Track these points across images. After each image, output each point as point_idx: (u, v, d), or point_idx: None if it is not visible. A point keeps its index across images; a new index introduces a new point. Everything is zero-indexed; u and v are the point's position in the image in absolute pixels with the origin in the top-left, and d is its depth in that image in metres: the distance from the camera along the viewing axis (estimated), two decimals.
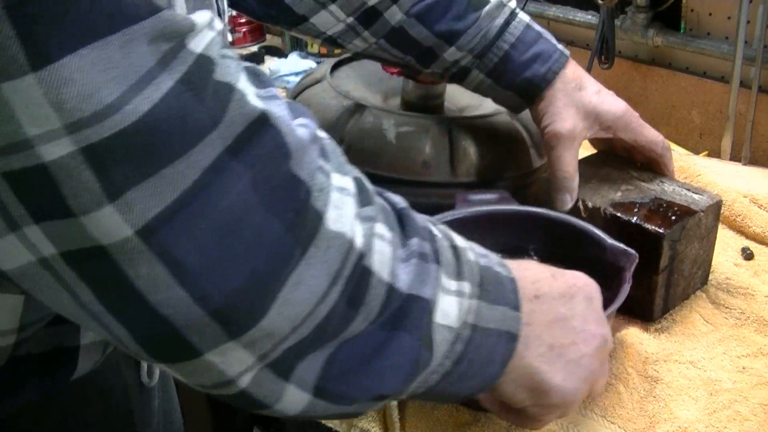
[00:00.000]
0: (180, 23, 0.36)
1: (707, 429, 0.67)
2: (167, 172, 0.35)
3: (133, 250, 0.36)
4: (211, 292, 0.37)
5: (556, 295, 0.55)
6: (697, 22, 1.29)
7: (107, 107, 0.33)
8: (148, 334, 0.39)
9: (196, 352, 0.39)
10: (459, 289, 0.49)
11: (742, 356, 0.75)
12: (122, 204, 0.35)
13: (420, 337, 0.47)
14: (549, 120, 0.81)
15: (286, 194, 0.39)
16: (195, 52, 0.36)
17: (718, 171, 1.09)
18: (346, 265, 0.42)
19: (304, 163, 0.40)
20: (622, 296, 0.68)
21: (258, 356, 0.41)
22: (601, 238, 0.74)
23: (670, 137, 1.31)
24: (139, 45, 0.34)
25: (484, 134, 0.90)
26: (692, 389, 0.71)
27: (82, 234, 0.35)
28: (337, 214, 0.42)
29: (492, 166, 0.89)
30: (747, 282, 0.85)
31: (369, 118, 0.89)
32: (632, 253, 0.71)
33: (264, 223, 0.38)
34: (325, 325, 0.42)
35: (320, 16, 0.81)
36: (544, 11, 1.46)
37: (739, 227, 0.96)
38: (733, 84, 1.21)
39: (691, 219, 0.77)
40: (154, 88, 0.34)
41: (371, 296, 0.44)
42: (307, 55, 1.64)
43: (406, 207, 0.50)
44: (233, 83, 0.38)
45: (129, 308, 0.38)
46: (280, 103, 0.41)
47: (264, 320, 0.39)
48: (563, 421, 0.68)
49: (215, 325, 0.38)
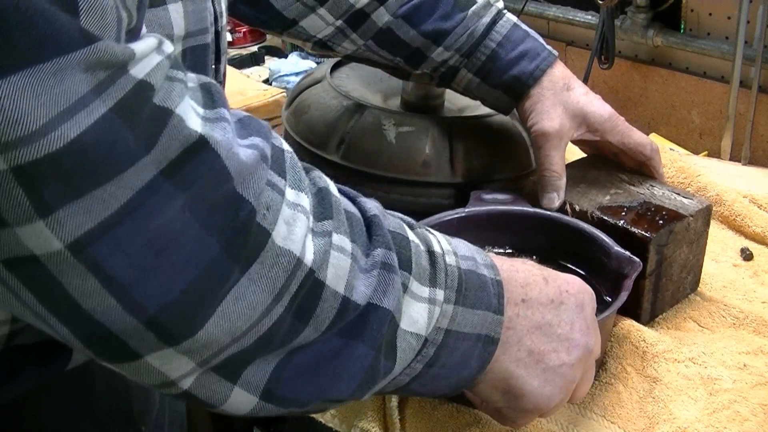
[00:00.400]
0: (117, 54, 0.37)
1: (707, 429, 0.67)
2: (98, 193, 0.36)
3: (63, 263, 0.37)
4: (144, 304, 0.39)
5: (545, 300, 0.55)
6: (697, 22, 1.29)
7: (35, 132, 0.34)
8: (88, 335, 0.40)
9: (135, 354, 0.41)
10: (431, 296, 0.50)
11: (742, 353, 0.75)
12: (53, 221, 0.36)
13: (376, 345, 0.47)
14: (536, 119, 0.81)
15: (225, 214, 0.40)
16: (135, 78, 0.37)
17: (718, 171, 1.09)
18: (293, 281, 0.43)
19: (250, 183, 0.41)
20: (617, 304, 0.68)
21: (198, 362, 0.42)
22: (607, 244, 0.74)
23: (670, 137, 1.31)
24: (72, 73, 0.35)
25: (483, 134, 0.91)
26: (692, 389, 0.71)
27: (16, 243, 0.36)
28: (287, 231, 0.43)
29: (491, 166, 0.89)
30: (746, 282, 0.85)
31: (369, 118, 0.89)
32: (636, 261, 0.71)
33: (199, 241, 0.40)
34: (270, 337, 0.43)
35: (309, 19, 0.82)
36: (544, 11, 1.46)
37: (738, 227, 0.96)
38: (733, 84, 1.21)
39: (679, 223, 0.77)
40: (85, 114, 0.35)
41: (322, 309, 0.45)
42: (307, 55, 1.65)
43: (377, 215, 0.50)
44: (171, 108, 0.39)
45: (67, 312, 0.39)
46: (225, 126, 0.42)
47: (201, 332, 0.41)
48: (563, 421, 0.68)
49: (150, 333, 0.40)
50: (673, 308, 0.82)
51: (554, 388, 0.55)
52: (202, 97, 0.42)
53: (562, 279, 0.58)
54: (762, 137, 1.24)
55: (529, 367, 0.54)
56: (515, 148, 0.92)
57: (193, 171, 0.39)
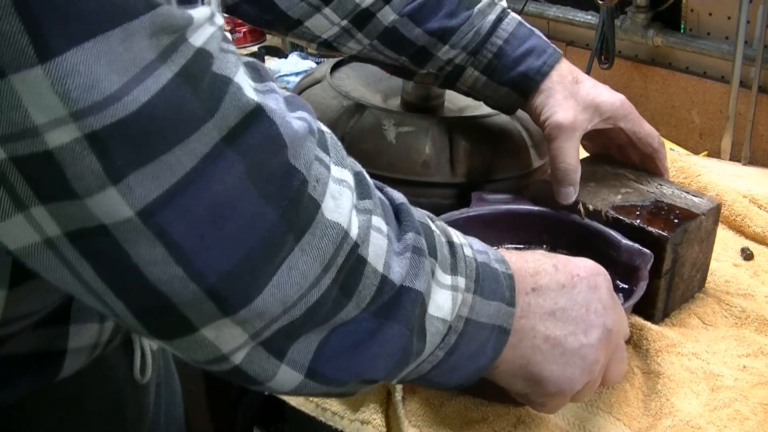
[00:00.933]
0: (178, 18, 0.37)
1: (708, 425, 0.67)
2: (166, 158, 0.37)
3: (133, 230, 0.38)
4: (205, 271, 0.39)
5: (556, 286, 0.56)
6: (697, 22, 1.29)
7: (109, 97, 0.35)
8: (146, 309, 0.41)
9: (192, 327, 0.41)
10: (453, 283, 0.51)
11: (742, 355, 0.76)
12: (124, 187, 0.37)
13: (411, 327, 0.48)
14: (550, 112, 0.80)
15: (281, 183, 0.41)
16: (194, 45, 0.38)
17: (718, 171, 1.09)
18: (340, 253, 0.44)
19: (301, 154, 0.42)
20: (639, 293, 0.70)
21: (251, 334, 0.43)
22: (615, 238, 0.75)
23: (670, 137, 1.32)
24: (140, 39, 0.36)
25: (484, 134, 0.91)
26: (694, 383, 0.71)
27: (85, 214, 0.37)
28: (335, 205, 0.44)
29: (492, 166, 0.89)
30: (747, 282, 0.85)
31: (369, 118, 0.89)
32: (647, 253, 0.72)
33: (258, 209, 0.40)
34: (317, 309, 0.44)
35: (315, 19, 0.81)
36: (544, 11, 1.46)
37: (738, 227, 0.96)
38: (733, 84, 1.21)
39: (692, 222, 0.77)
40: (154, 79, 0.36)
41: (364, 285, 0.46)
42: (307, 55, 1.65)
43: (405, 203, 0.51)
44: (230, 76, 0.40)
45: (128, 285, 0.39)
46: (277, 97, 0.43)
47: (257, 300, 0.41)
48: (571, 418, 0.68)
49: (210, 302, 0.40)
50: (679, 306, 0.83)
51: (575, 370, 0.56)
52: (249, 72, 0.43)
53: (572, 264, 0.58)
54: (762, 137, 1.24)
55: (546, 353, 0.55)
56: (516, 148, 0.92)
57: (251, 138, 0.40)
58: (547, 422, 0.67)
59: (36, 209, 0.37)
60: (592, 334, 0.57)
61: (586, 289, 0.57)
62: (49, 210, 0.37)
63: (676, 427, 0.67)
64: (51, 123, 0.35)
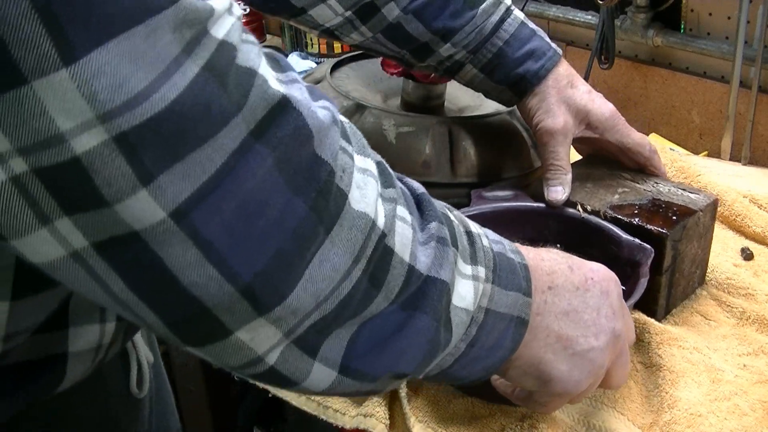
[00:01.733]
0: (200, 10, 0.36)
1: (709, 414, 0.68)
2: (196, 155, 0.36)
3: (166, 233, 0.37)
4: (239, 270, 0.39)
5: (571, 287, 0.57)
6: (697, 22, 1.29)
7: (137, 96, 0.34)
8: (179, 317, 0.40)
9: (226, 331, 0.40)
10: (474, 273, 0.51)
11: (743, 354, 0.76)
12: (155, 188, 0.36)
13: (438, 318, 0.48)
14: (541, 116, 0.83)
15: (309, 174, 0.40)
16: (217, 38, 0.37)
17: (718, 171, 1.09)
18: (369, 244, 0.43)
19: (326, 144, 0.41)
20: (640, 290, 0.70)
21: (284, 332, 0.42)
22: (616, 233, 0.76)
23: (670, 137, 1.32)
24: (163, 34, 0.35)
25: (484, 134, 0.91)
26: (695, 374, 0.72)
27: (114, 222, 0.36)
28: (361, 194, 0.43)
29: (492, 166, 0.89)
30: (747, 282, 0.85)
31: (369, 118, 0.89)
32: (648, 248, 0.73)
33: (288, 203, 0.39)
34: (348, 302, 0.43)
35: (319, 9, 0.82)
36: (544, 11, 1.46)
37: (738, 227, 0.96)
38: (733, 84, 1.21)
39: (691, 218, 0.78)
40: (180, 75, 0.35)
41: (392, 276, 0.45)
42: (307, 55, 1.64)
43: (425, 192, 0.51)
44: (255, 68, 0.39)
45: (160, 293, 0.38)
46: (300, 87, 0.42)
47: (290, 296, 0.41)
48: (575, 413, 0.69)
49: (244, 302, 0.39)
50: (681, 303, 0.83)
51: (582, 372, 0.57)
52: (270, 62, 0.42)
53: (587, 267, 0.59)
54: (762, 137, 1.24)
55: (557, 352, 0.55)
56: (516, 147, 0.92)
57: (279, 130, 0.39)
58: (552, 417, 0.68)
59: (60, 222, 0.36)
60: (601, 338, 0.57)
61: (599, 293, 0.58)
62: (74, 221, 0.36)
63: (678, 418, 0.67)
64: (78, 128, 0.34)
